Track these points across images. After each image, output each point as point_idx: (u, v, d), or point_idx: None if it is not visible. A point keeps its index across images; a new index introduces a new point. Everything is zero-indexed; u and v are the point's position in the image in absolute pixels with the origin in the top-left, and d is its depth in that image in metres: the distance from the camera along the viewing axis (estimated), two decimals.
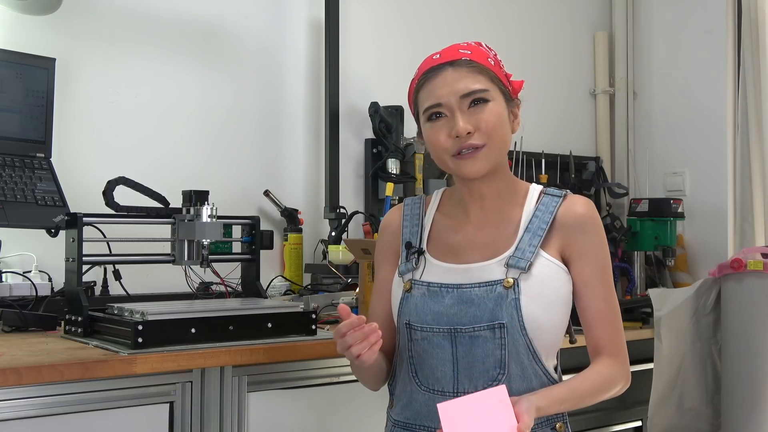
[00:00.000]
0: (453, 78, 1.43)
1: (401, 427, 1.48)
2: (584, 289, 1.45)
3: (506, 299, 1.39)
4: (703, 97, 3.24)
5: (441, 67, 1.45)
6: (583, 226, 1.46)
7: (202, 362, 1.64)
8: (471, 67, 1.44)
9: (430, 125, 1.46)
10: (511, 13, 3.30)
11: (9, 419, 1.46)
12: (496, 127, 1.43)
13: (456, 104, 1.42)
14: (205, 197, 1.97)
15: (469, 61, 1.45)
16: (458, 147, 1.42)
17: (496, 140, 1.44)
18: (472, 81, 1.43)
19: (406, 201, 1.61)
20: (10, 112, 2.13)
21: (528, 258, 1.42)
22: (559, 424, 1.45)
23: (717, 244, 3.14)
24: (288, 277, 2.60)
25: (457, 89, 1.42)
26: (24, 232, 2.11)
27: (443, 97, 1.43)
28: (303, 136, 2.78)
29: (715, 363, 2.49)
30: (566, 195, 1.49)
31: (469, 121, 1.42)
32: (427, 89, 1.46)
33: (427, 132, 1.46)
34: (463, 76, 1.43)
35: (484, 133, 1.42)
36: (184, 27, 2.56)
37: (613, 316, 1.47)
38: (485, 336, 1.40)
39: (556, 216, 1.46)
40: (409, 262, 1.50)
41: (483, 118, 1.42)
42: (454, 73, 1.44)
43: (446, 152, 1.44)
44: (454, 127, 1.42)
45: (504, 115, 1.46)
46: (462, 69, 1.44)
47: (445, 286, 1.45)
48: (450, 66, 1.44)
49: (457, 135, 1.41)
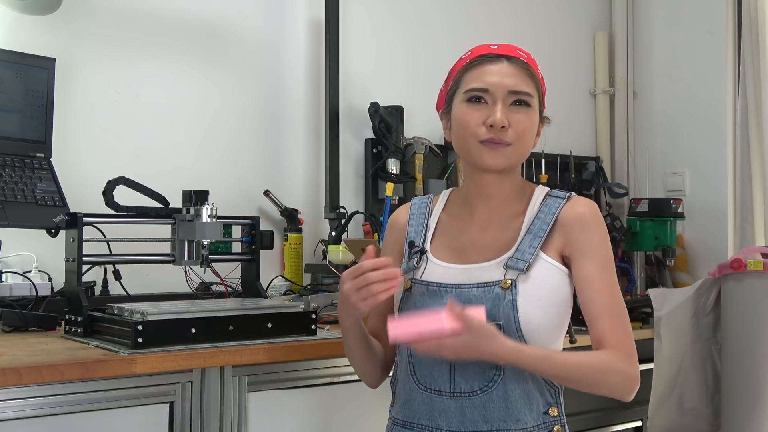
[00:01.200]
0: (508, 71, 1.46)
1: (400, 425, 1.49)
2: (585, 285, 1.44)
3: (503, 300, 1.40)
4: (703, 97, 3.24)
5: (498, 57, 1.47)
6: (584, 224, 1.45)
7: (202, 362, 1.64)
8: (525, 69, 1.47)
9: (467, 106, 1.46)
10: (511, 13, 3.30)
11: (9, 419, 1.46)
12: (527, 133, 1.46)
13: (501, 96, 1.44)
14: (205, 197, 1.97)
15: (525, 63, 1.48)
16: (489, 137, 1.43)
17: (524, 144, 1.47)
18: (523, 82, 1.46)
19: (414, 200, 1.62)
20: (10, 112, 2.13)
21: (527, 259, 1.42)
22: (557, 427, 1.45)
23: (717, 244, 3.14)
24: (288, 277, 2.60)
25: (508, 83, 1.45)
26: (24, 232, 2.11)
27: (493, 85, 1.44)
28: (303, 136, 2.78)
29: (715, 363, 2.49)
30: (570, 196, 1.50)
31: (507, 116, 1.44)
32: (477, 71, 1.47)
33: (462, 111, 1.47)
34: (517, 73, 1.46)
35: (516, 134, 1.44)
36: (184, 27, 2.56)
37: (616, 312, 1.45)
38: None
39: (558, 217, 1.46)
40: (411, 261, 1.51)
41: (520, 120, 1.45)
42: (510, 68, 1.46)
43: (474, 137, 1.45)
44: (491, 116, 1.43)
45: (536, 125, 1.50)
46: (517, 67, 1.47)
47: (444, 285, 1.45)
48: (507, 60, 1.47)
49: (491, 125, 1.43)
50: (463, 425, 1.41)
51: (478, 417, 1.40)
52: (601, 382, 1.41)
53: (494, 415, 1.40)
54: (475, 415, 1.40)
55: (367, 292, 1.36)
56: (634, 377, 1.43)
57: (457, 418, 1.41)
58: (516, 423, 1.41)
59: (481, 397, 1.40)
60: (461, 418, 1.41)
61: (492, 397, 1.40)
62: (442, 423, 1.43)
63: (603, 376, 1.40)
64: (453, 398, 1.42)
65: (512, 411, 1.40)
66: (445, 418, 1.42)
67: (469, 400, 1.41)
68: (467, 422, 1.41)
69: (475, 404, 1.41)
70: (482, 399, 1.40)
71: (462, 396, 1.41)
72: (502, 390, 1.40)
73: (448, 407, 1.42)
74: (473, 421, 1.41)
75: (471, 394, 1.41)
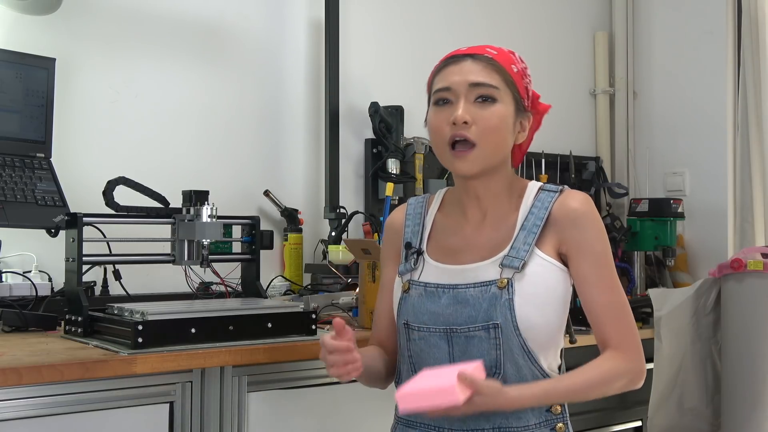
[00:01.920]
0: (470, 69, 1.44)
1: (404, 424, 1.50)
2: (583, 285, 1.44)
3: (500, 299, 1.39)
4: (703, 97, 3.24)
5: (462, 57, 1.47)
6: (576, 220, 1.43)
7: (202, 362, 1.64)
8: (489, 64, 1.45)
9: (434, 109, 1.47)
10: (511, 13, 3.30)
11: (9, 419, 1.46)
12: (493, 129, 1.43)
13: (463, 92, 1.43)
14: (205, 197, 1.97)
15: (489, 58, 1.46)
16: (452, 134, 1.42)
17: (490, 142, 1.43)
18: (486, 76, 1.44)
19: (410, 201, 1.61)
20: (10, 112, 2.13)
21: (522, 257, 1.41)
22: (559, 425, 1.45)
23: (717, 244, 3.14)
24: (288, 277, 2.60)
25: (468, 78, 1.43)
26: (24, 232, 2.11)
27: (453, 83, 1.44)
28: (303, 136, 2.78)
29: (715, 363, 2.49)
30: (563, 190, 1.48)
31: (469, 112, 1.42)
32: (442, 74, 1.47)
33: (431, 116, 1.48)
34: (480, 69, 1.44)
35: (480, 130, 1.42)
36: (184, 27, 2.56)
37: (618, 309, 1.45)
38: (480, 336, 1.40)
39: (551, 212, 1.44)
40: (408, 262, 1.51)
41: (484, 116, 1.42)
42: (472, 65, 1.45)
43: (443, 140, 1.44)
44: (453, 113, 1.42)
45: (508, 120, 1.45)
46: (481, 63, 1.45)
47: (441, 286, 1.45)
48: (471, 58, 1.46)
49: (453, 121, 1.42)
50: (466, 424, 1.41)
51: (480, 416, 1.40)
52: (607, 391, 1.43)
53: (497, 414, 1.40)
54: (477, 414, 1.39)
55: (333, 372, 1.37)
56: (639, 371, 1.45)
57: (459, 417, 1.40)
58: (518, 420, 1.41)
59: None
60: (463, 417, 1.40)
61: None
62: (445, 422, 1.43)
63: (608, 386, 1.42)
64: None
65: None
66: (447, 418, 1.41)
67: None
68: (469, 421, 1.41)
69: None
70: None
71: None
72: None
73: None
74: (475, 419, 1.40)
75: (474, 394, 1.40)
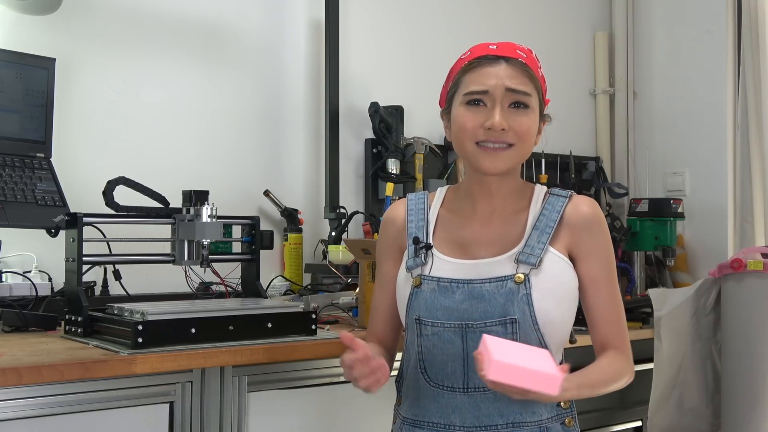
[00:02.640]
0: (506, 73, 1.45)
1: (410, 424, 1.49)
2: (591, 288, 1.47)
3: (517, 295, 1.40)
4: (703, 97, 3.24)
5: (496, 58, 1.47)
6: (591, 225, 1.48)
7: (202, 362, 1.63)
8: (524, 70, 1.47)
9: (466, 108, 1.46)
10: (511, 13, 3.30)
11: (9, 419, 1.46)
12: (528, 134, 1.46)
13: (500, 98, 1.44)
14: (205, 197, 1.97)
15: (523, 63, 1.47)
16: (486, 138, 1.44)
17: (525, 146, 1.47)
18: (522, 83, 1.45)
19: (410, 196, 1.61)
20: (10, 112, 2.13)
21: (538, 254, 1.43)
22: (568, 419, 1.46)
23: (717, 244, 3.14)
24: (288, 277, 2.59)
25: (506, 84, 1.44)
26: (24, 232, 2.11)
27: (491, 87, 1.44)
28: (303, 136, 2.78)
29: (715, 363, 2.49)
30: (572, 195, 1.51)
31: (506, 119, 1.43)
32: (476, 74, 1.46)
33: (461, 114, 1.47)
34: (516, 74, 1.45)
35: (517, 135, 1.44)
36: (184, 27, 2.56)
37: (618, 313, 1.50)
38: (496, 331, 1.40)
39: (563, 215, 1.47)
40: (418, 257, 1.50)
41: (520, 121, 1.45)
42: (508, 69, 1.46)
43: (471, 138, 1.45)
44: (490, 119, 1.43)
45: (536, 126, 1.49)
46: (516, 67, 1.46)
47: (455, 281, 1.45)
48: (505, 61, 1.46)
49: (490, 127, 1.43)
50: (478, 420, 1.42)
51: (494, 411, 1.41)
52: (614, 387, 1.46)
53: (510, 408, 1.41)
54: (490, 409, 1.41)
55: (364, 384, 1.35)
56: (633, 373, 1.50)
57: (471, 413, 1.41)
58: (532, 415, 1.42)
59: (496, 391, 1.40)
60: (476, 413, 1.41)
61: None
62: (456, 419, 1.43)
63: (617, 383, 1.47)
64: (467, 394, 1.42)
65: (528, 403, 1.41)
66: (459, 415, 1.42)
67: (484, 395, 1.41)
68: (482, 417, 1.41)
69: (490, 399, 1.41)
70: (497, 393, 1.39)
71: (477, 391, 1.42)
72: None
73: (462, 403, 1.43)
74: (488, 415, 1.41)
75: (486, 389, 1.41)
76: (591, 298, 1.48)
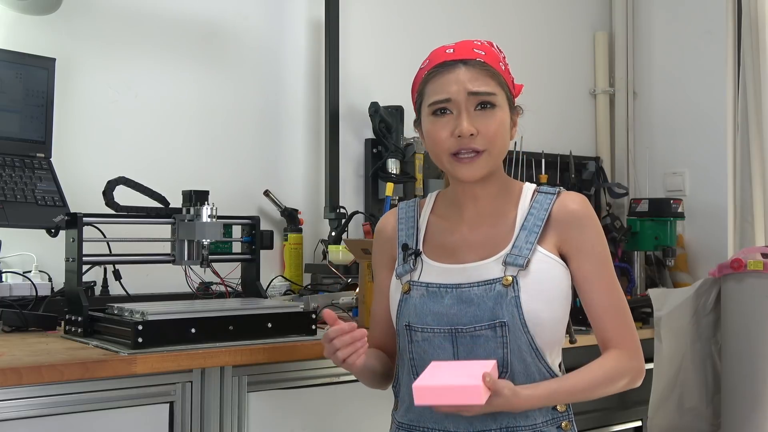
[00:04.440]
0: (465, 77, 1.43)
1: (405, 429, 1.48)
2: (585, 285, 1.45)
3: (506, 297, 1.39)
4: (703, 97, 3.24)
5: (454, 63, 1.44)
6: (579, 221, 1.45)
7: (202, 362, 1.64)
8: (484, 69, 1.44)
9: (433, 120, 1.45)
10: (511, 13, 3.30)
11: (9, 419, 1.46)
12: (498, 135, 1.43)
13: (464, 103, 1.42)
14: (205, 197, 1.97)
15: (483, 63, 1.44)
16: (458, 147, 1.42)
17: (496, 147, 1.44)
18: (483, 83, 1.43)
19: (401, 205, 1.60)
20: (10, 112, 2.13)
21: (525, 255, 1.42)
22: (564, 422, 1.45)
23: (717, 244, 3.14)
24: (288, 277, 2.59)
25: (467, 88, 1.42)
26: (24, 232, 2.11)
27: (453, 94, 1.42)
28: (303, 136, 2.78)
29: (715, 363, 2.49)
30: (560, 192, 1.49)
31: (473, 123, 1.41)
32: (437, 83, 1.45)
33: (429, 126, 1.46)
34: (476, 76, 1.43)
35: (486, 139, 1.42)
36: (184, 27, 2.56)
37: (618, 308, 1.46)
38: (486, 335, 1.40)
39: (551, 213, 1.46)
40: (407, 263, 1.50)
41: (487, 124, 1.42)
42: (467, 73, 1.43)
43: (445, 151, 1.44)
44: (458, 127, 1.41)
45: (507, 122, 1.46)
46: (475, 69, 1.43)
47: (443, 286, 1.44)
48: (463, 64, 1.44)
49: (459, 135, 1.41)
50: (472, 425, 1.41)
51: (487, 416, 1.40)
52: (611, 390, 1.45)
53: (503, 413, 1.39)
54: (484, 414, 1.39)
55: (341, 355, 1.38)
56: (640, 370, 1.47)
57: (465, 419, 1.40)
58: (525, 419, 1.41)
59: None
60: (469, 418, 1.40)
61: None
62: (450, 425, 1.42)
63: (612, 385, 1.44)
64: None
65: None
66: (452, 420, 1.42)
67: None
68: (476, 422, 1.40)
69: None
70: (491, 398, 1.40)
71: None
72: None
73: None
74: (482, 420, 1.40)
75: None
76: (586, 295, 1.46)
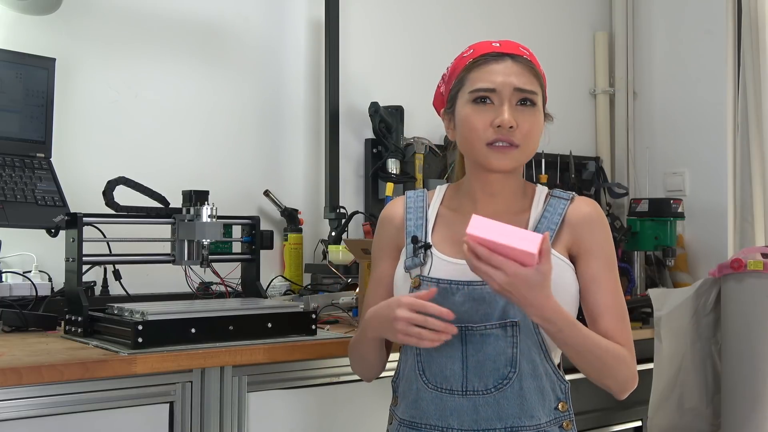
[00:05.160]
0: (513, 70, 1.44)
1: (407, 425, 1.47)
2: (592, 285, 1.45)
3: None
4: (703, 97, 3.24)
5: (502, 56, 1.46)
6: (591, 223, 1.47)
7: (202, 362, 1.64)
8: (529, 68, 1.46)
9: (473, 107, 1.45)
10: (511, 13, 3.29)
11: (9, 419, 1.46)
12: (533, 133, 1.46)
13: (508, 95, 1.43)
14: (205, 197, 1.97)
15: (528, 61, 1.47)
16: (495, 137, 1.43)
17: (530, 145, 1.46)
18: (528, 81, 1.45)
19: (408, 194, 1.58)
20: (10, 112, 2.13)
21: None
22: (566, 422, 1.45)
23: (717, 244, 3.14)
24: (288, 277, 2.59)
25: (514, 82, 1.43)
26: (24, 232, 2.11)
27: (498, 85, 1.43)
28: (303, 136, 2.78)
29: (715, 363, 2.49)
30: (573, 197, 1.50)
31: (514, 116, 1.43)
32: (482, 71, 1.45)
33: (467, 113, 1.46)
34: (522, 72, 1.45)
35: (523, 134, 1.44)
36: (184, 27, 2.56)
37: (621, 311, 1.47)
38: (496, 334, 1.40)
39: (565, 217, 1.47)
40: (417, 257, 1.48)
41: (528, 120, 1.44)
42: (514, 66, 1.45)
43: (481, 139, 1.44)
44: (499, 117, 1.42)
45: (542, 124, 1.49)
46: (522, 65, 1.46)
47: (455, 283, 1.43)
48: (511, 58, 1.46)
49: (499, 125, 1.42)
50: (477, 423, 1.41)
51: (492, 415, 1.40)
52: (612, 369, 1.42)
53: (509, 412, 1.40)
54: (489, 413, 1.40)
55: (418, 335, 1.34)
56: (634, 375, 1.47)
57: (469, 416, 1.40)
58: (530, 419, 1.41)
59: (496, 395, 1.40)
60: (474, 416, 1.40)
61: (507, 395, 1.40)
62: (454, 422, 1.42)
63: (616, 364, 1.42)
64: (465, 397, 1.41)
65: (527, 407, 1.40)
66: (457, 418, 1.41)
67: (483, 398, 1.40)
68: (480, 420, 1.40)
69: (489, 402, 1.40)
70: (496, 397, 1.40)
71: (476, 394, 1.41)
72: (517, 386, 1.40)
73: (460, 406, 1.41)
74: (487, 419, 1.40)
75: (485, 392, 1.40)
76: (592, 294, 1.45)
